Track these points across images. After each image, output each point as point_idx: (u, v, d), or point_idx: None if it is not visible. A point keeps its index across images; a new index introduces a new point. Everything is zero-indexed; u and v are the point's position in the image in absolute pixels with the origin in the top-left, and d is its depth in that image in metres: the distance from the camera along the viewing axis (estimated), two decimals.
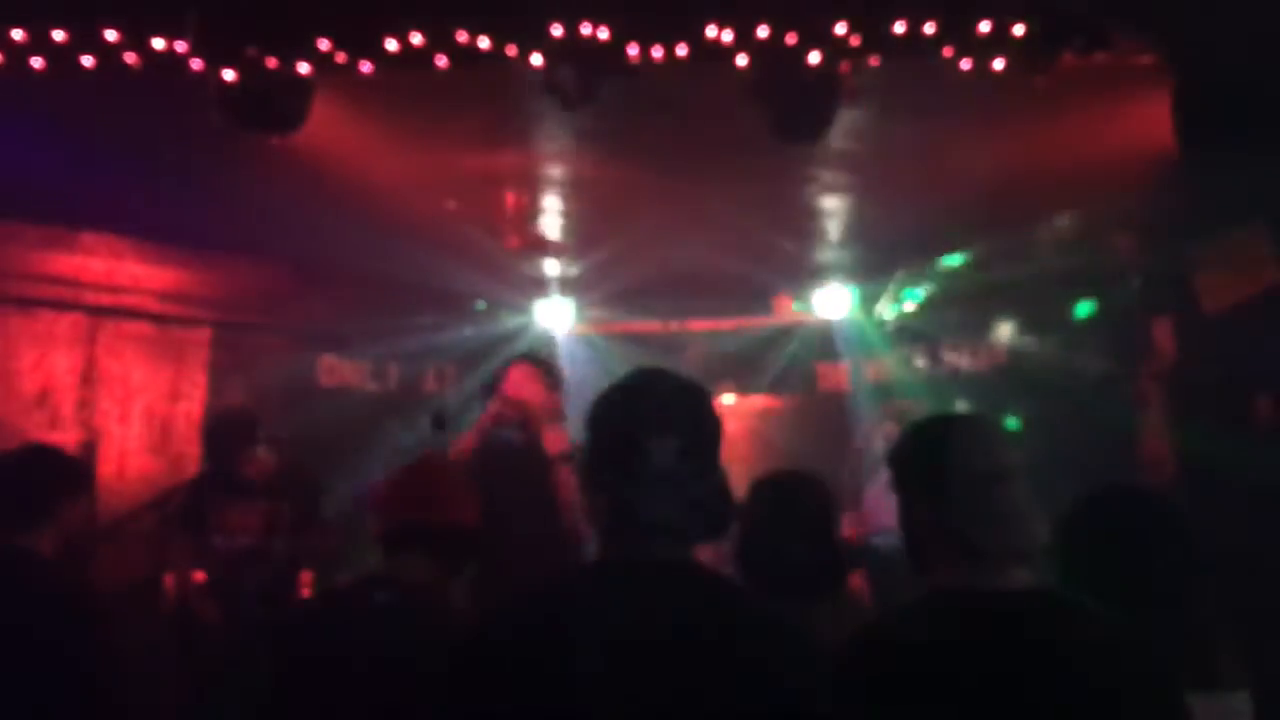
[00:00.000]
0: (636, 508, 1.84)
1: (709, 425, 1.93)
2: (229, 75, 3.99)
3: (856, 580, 4.21)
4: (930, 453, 2.12)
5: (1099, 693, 1.90)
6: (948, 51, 3.89)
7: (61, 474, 3.41)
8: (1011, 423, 6.80)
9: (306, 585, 5.38)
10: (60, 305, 6.27)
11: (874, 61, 3.93)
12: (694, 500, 1.86)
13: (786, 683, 1.74)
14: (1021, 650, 1.93)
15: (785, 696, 1.72)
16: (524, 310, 8.11)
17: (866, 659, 1.98)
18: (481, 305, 8.00)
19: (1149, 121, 4.26)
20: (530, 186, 5.87)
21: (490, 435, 4.83)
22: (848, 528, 5.40)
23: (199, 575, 5.25)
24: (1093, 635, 1.98)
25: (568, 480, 4.54)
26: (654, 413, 1.89)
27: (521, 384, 4.94)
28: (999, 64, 3.90)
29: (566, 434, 4.74)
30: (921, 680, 1.93)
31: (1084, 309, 6.71)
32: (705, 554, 1.97)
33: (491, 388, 5.08)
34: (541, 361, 5.28)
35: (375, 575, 2.80)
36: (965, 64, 3.91)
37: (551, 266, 7.36)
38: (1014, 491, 2.06)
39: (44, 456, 3.53)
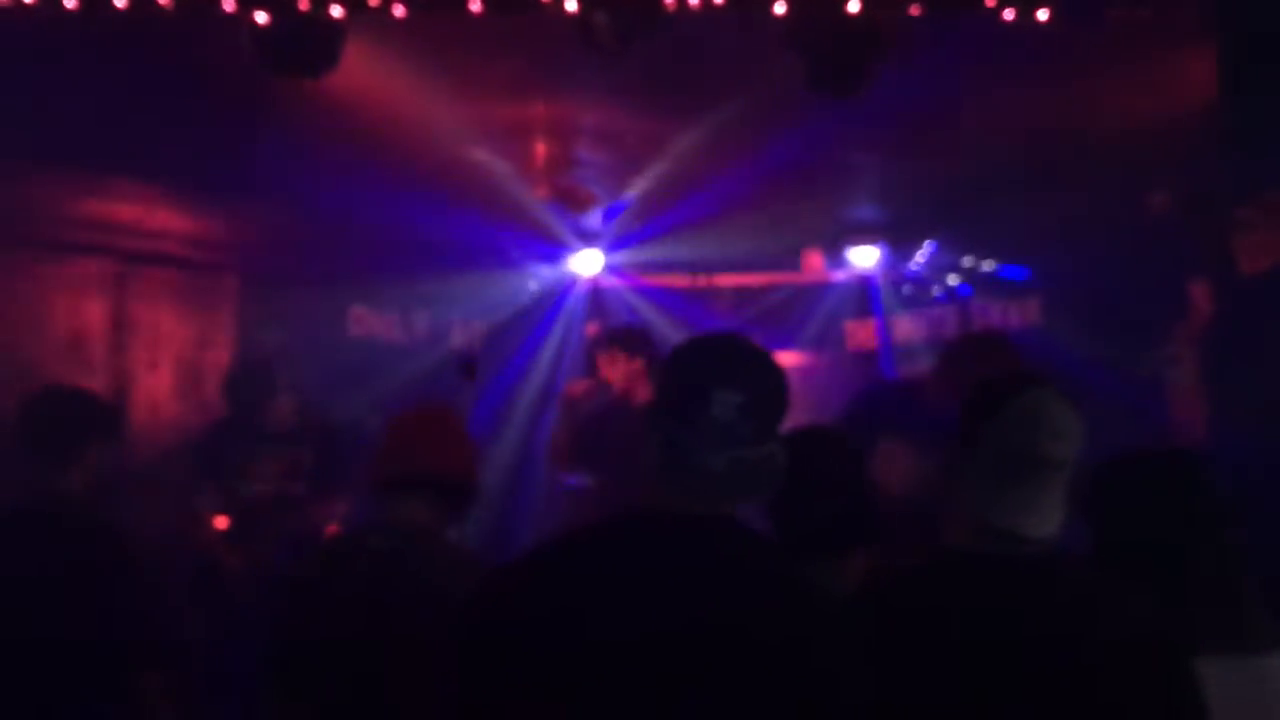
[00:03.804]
0: (687, 453, 1.83)
1: (775, 391, 1.90)
2: (262, 17, 3.97)
3: None
4: (983, 409, 2.08)
5: (1098, 660, 1.89)
6: (990, 2, 3.82)
7: (92, 416, 3.41)
8: None
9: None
10: (91, 250, 6.26)
11: (915, 11, 3.86)
12: (745, 459, 1.84)
13: (815, 645, 1.73)
14: (1020, 616, 1.92)
15: (813, 660, 1.71)
16: (553, 262, 8.08)
17: (865, 619, 1.94)
18: (514, 257, 7.97)
19: (1192, 78, 4.19)
20: (562, 136, 5.83)
21: (582, 409, 5.48)
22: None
23: (221, 522, 5.29)
24: (1095, 602, 1.97)
25: None
26: (722, 365, 1.88)
27: (604, 369, 5.48)
28: (1042, 16, 3.82)
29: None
30: (915, 644, 1.91)
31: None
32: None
33: (592, 371, 5.67)
34: (617, 338, 5.61)
35: (371, 522, 2.80)
36: (1008, 15, 3.84)
37: (581, 218, 7.32)
38: (1047, 483, 2.00)
39: (74, 398, 3.54)
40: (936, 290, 7.79)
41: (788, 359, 7.61)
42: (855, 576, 2.68)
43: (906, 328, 7.90)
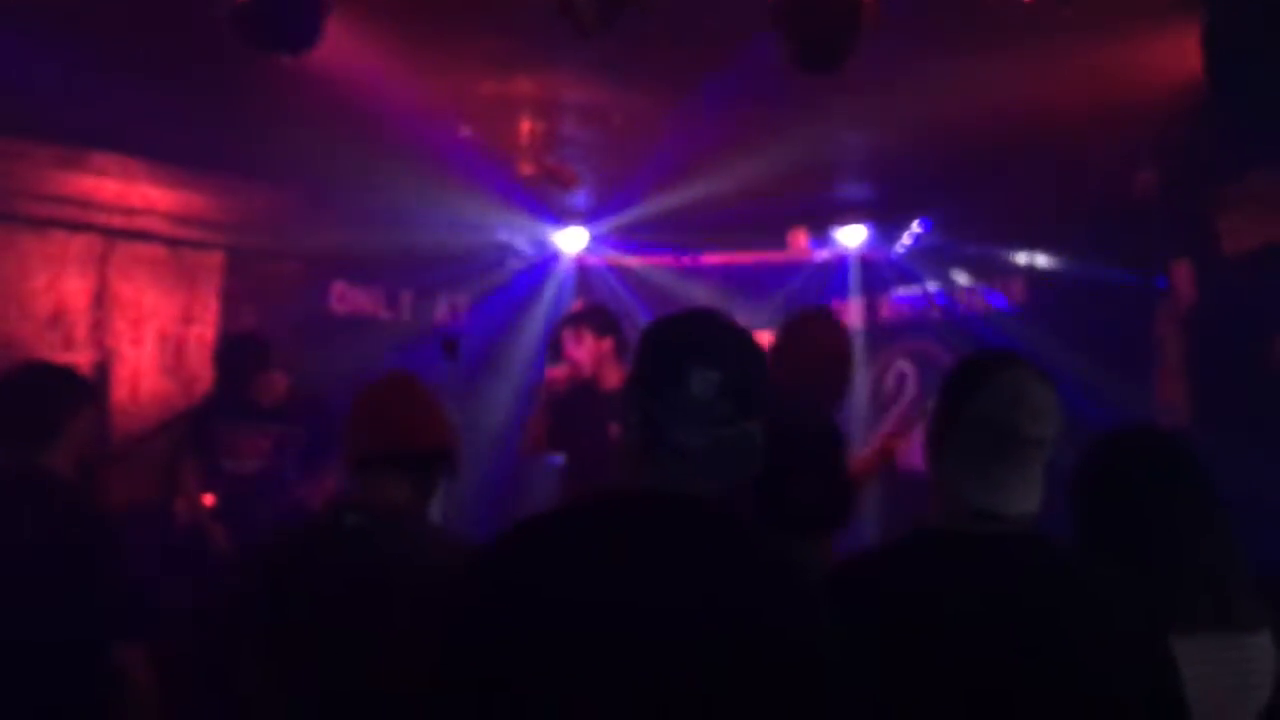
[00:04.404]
0: (666, 433, 1.81)
1: (755, 370, 1.89)
2: None
3: None
4: (963, 387, 2.08)
5: (1081, 640, 1.89)
6: None
7: (65, 388, 3.41)
8: None
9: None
10: (73, 226, 6.24)
11: None
12: (725, 439, 1.82)
13: (791, 624, 1.71)
14: (998, 595, 1.92)
15: (798, 640, 1.70)
16: (537, 240, 8.06)
17: (839, 600, 1.92)
18: (498, 235, 7.95)
19: (1177, 55, 4.18)
20: (546, 114, 5.80)
21: (554, 396, 5.35)
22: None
23: (208, 499, 5.28)
24: (1074, 580, 1.97)
25: None
26: (700, 342, 1.85)
27: (570, 348, 5.33)
28: None
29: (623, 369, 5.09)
30: (893, 623, 1.91)
31: None
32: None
33: (555, 350, 5.51)
34: (585, 316, 5.51)
35: (346, 499, 2.76)
36: None
37: (566, 196, 7.29)
38: (1026, 461, 2.01)
39: (46, 372, 3.54)
40: (927, 275, 7.77)
41: (768, 338, 7.60)
42: (830, 558, 2.70)
43: (890, 309, 7.90)
